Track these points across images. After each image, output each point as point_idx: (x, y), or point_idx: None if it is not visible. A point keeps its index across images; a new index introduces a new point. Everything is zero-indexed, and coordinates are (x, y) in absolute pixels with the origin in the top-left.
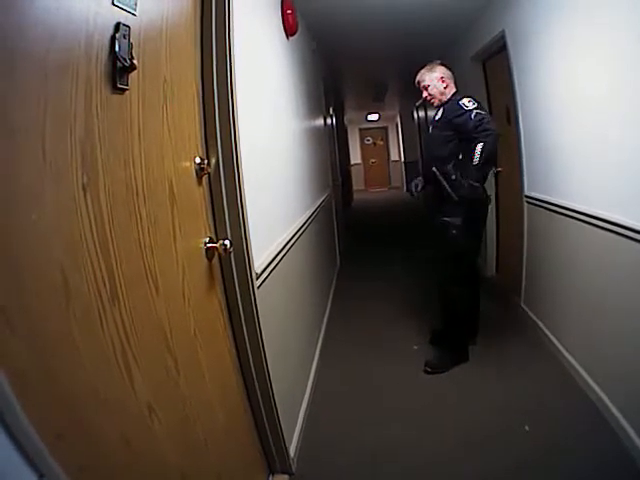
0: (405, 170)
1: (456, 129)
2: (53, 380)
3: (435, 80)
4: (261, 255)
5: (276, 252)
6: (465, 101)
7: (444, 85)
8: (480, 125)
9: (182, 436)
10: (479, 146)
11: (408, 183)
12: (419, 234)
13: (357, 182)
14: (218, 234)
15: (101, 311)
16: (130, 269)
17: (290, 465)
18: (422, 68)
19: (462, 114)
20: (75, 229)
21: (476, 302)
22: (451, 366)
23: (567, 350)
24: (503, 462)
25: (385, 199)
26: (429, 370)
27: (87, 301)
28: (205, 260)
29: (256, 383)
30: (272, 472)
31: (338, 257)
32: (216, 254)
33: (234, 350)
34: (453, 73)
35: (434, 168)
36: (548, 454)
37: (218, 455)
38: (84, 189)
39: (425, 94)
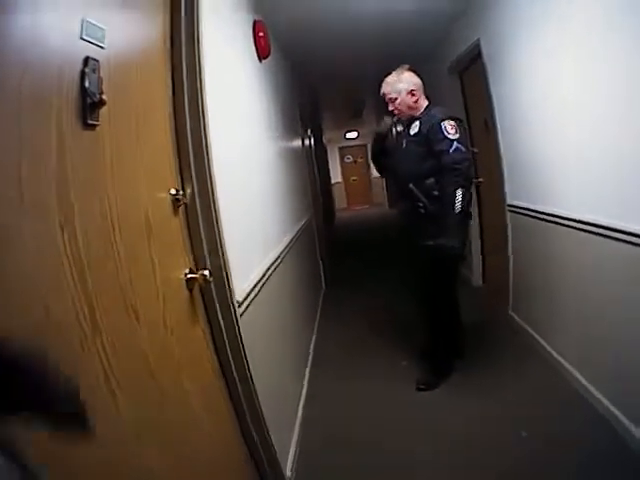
0: (386, 186)
1: (431, 150)
2: None
3: (403, 93)
4: (242, 283)
5: (257, 279)
6: (448, 126)
7: (414, 99)
8: (458, 165)
9: (172, 463)
10: (459, 193)
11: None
12: (402, 249)
13: (339, 201)
14: (198, 264)
15: (83, 341)
16: (110, 302)
17: None
18: (388, 75)
19: (441, 140)
20: (55, 267)
21: (458, 314)
22: (442, 380)
23: (559, 353)
24: (502, 469)
25: (368, 216)
26: (422, 387)
27: (69, 332)
28: (186, 291)
29: (245, 406)
30: None
31: (323, 278)
32: (197, 284)
33: (222, 379)
34: (423, 81)
35: (411, 185)
36: (548, 457)
37: None
38: (61, 227)
39: (391, 107)
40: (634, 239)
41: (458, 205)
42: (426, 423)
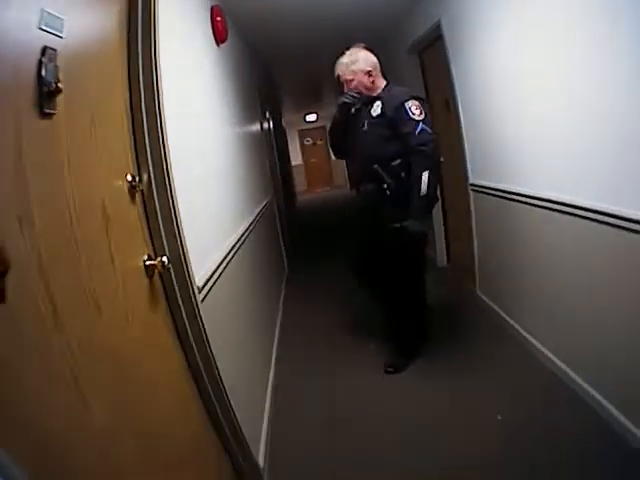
0: (347, 167)
1: (396, 131)
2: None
3: (360, 74)
4: (202, 268)
5: (217, 263)
6: (413, 107)
7: (371, 80)
8: (425, 147)
9: (148, 460)
10: (425, 175)
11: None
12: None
13: (300, 183)
14: (157, 251)
15: (48, 339)
16: (70, 294)
17: (261, 475)
18: (341, 56)
19: (407, 121)
20: (14, 261)
21: (424, 296)
22: (410, 362)
23: (530, 334)
24: (478, 452)
25: (328, 198)
26: (391, 370)
27: (32, 331)
28: (145, 278)
29: (213, 397)
30: None
31: (285, 261)
32: (156, 271)
33: (185, 363)
34: (379, 60)
35: (376, 166)
36: (523, 438)
37: (184, 471)
38: (19, 221)
39: (346, 89)
40: (609, 219)
41: (424, 188)
42: (395, 407)
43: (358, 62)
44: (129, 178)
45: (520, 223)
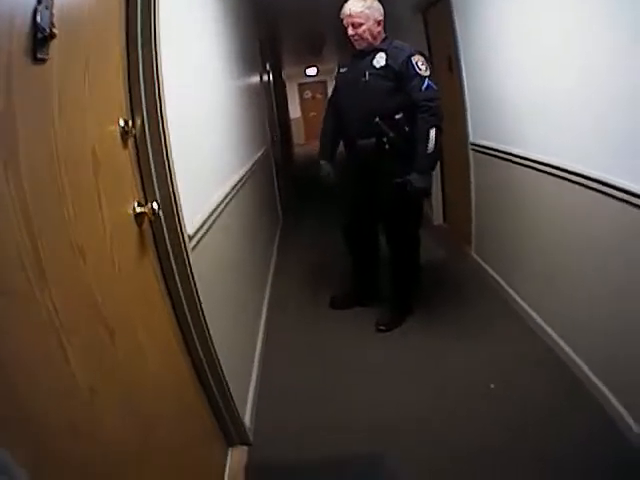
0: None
1: (400, 84)
2: None
3: (371, 21)
4: (194, 216)
5: (209, 211)
6: (419, 62)
7: (379, 29)
8: (432, 103)
9: (130, 417)
10: (432, 132)
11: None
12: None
13: (297, 137)
14: (147, 198)
15: (28, 290)
16: (55, 242)
17: (247, 435)
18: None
19: (413, 76)
20: None
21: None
22: (402, 321)
23: (524, 301)
24: (468, 419)
25: None
26: (383, 328)
27: (12, 282)
28: (135, 226)
29: (200, 351)
30: (230, 445)
31: (280, 212)
32: (146, 219)
33: (174, 316)
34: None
35: (377, 120)
36: (515, 408)
37: (171, 433)
38: (4, 165)
39: (352, 32)
40: (616, 192)
41: (431, 145)
42: (385, 367)
43: (373, 8)
44: (122, 123)
45: (520, 187)
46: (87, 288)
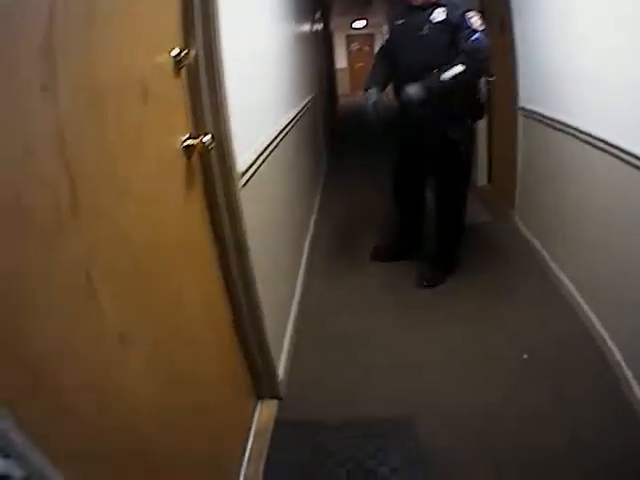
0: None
1: (455, 37)
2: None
3: None
4: (244, 153)
5: (261, 150)
6: (474, 17)
7: None
8: (477, 54)
9: (161, 365)
10: (482, 83)
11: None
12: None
13: (342, 87)
14: (199, 130)
15: (61, 227)
16: (94, 176)
17: (278, 389)
18: None
19: (465, 28)
20: (32, 134)
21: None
22: (444, 279)
23: (562, 270)
24: (499, 385)
25: None
26: (426, 284)
27: (44, 217)
28: (183, 159)
29: (241, 295)
30: (260, 398)
31: (325, 157)
32: (196, 152)
33: (216, 258)
34: None
35: (436, 71)
36: (545, 380)
37: (203, 384)
38: (43, 90)
39: None
40: None
41: (482, 97)
42: (423, 325)
43: None
44: (175, 52)
45: (568, 157)
46: (125, 223)
